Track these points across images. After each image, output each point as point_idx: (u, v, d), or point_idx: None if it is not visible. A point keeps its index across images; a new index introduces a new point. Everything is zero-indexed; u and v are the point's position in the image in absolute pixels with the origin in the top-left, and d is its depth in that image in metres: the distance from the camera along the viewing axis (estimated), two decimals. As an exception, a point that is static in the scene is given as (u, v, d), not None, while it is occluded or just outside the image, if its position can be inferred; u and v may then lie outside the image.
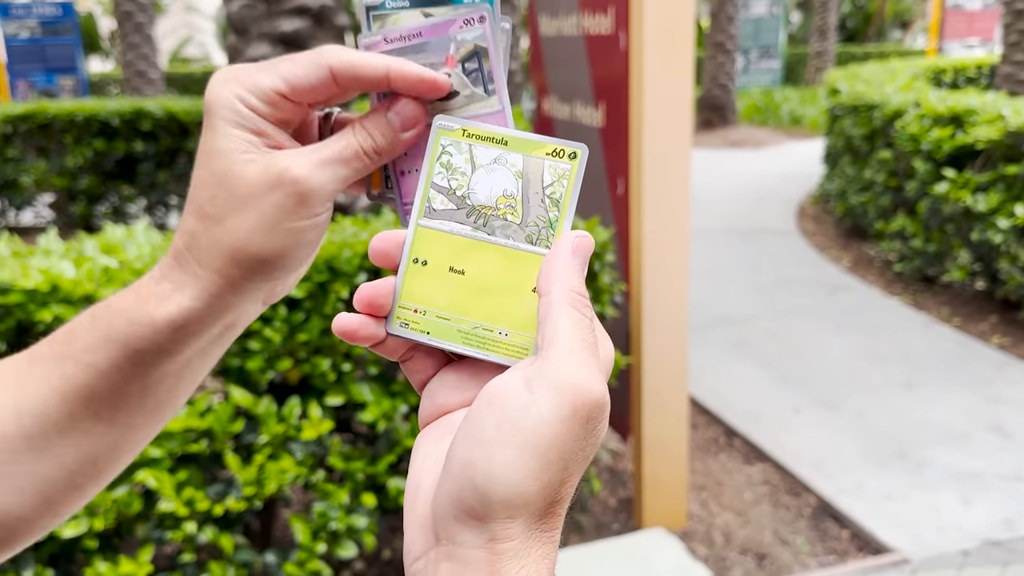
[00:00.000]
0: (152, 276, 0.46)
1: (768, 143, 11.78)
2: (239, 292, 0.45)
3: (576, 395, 0.37)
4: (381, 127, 0.46)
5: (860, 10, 22.26)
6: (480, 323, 0.45)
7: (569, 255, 0.42)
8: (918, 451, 3.28)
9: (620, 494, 3.04)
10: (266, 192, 0.43)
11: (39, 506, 0.46)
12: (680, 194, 2.52)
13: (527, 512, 0.37)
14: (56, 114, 6.82)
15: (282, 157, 0.44)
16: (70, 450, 0.46)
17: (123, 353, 0.45)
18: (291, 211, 0.44)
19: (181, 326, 0.45)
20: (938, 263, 5.11)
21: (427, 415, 0.46)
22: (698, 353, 4.17)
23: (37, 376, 0.45)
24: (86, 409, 0.45)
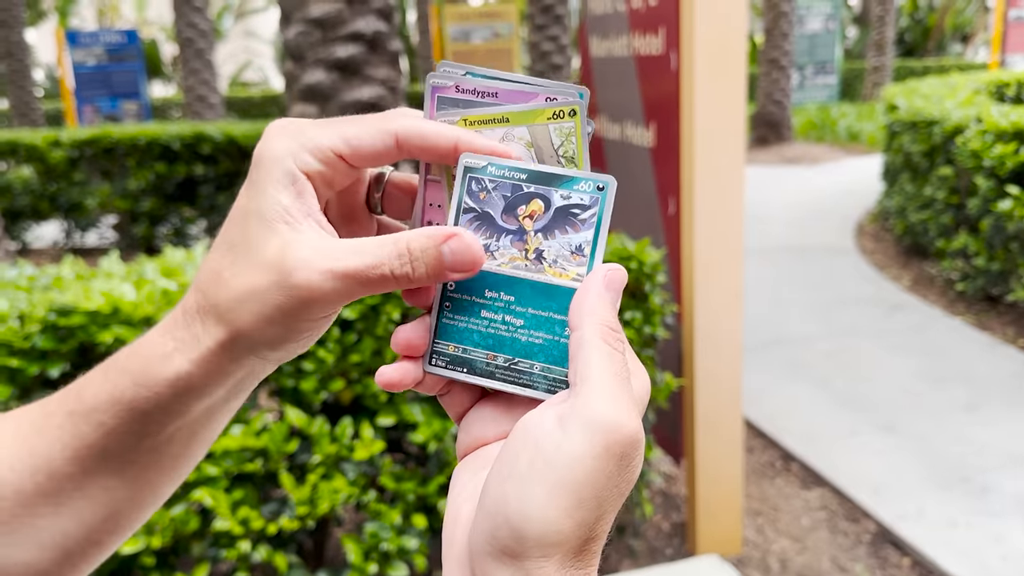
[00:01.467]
0: (159, 329, 0.45)
1: (825, 159, 11.61)
2: (238, 363, 0.44)
3: (608, 433, 0.37)
4: (429, 257, 0.42)
5: (919, 24, 21.87)
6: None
7: (601, 289, 0.42)
8: (981, 476, 3.18)
9: (673, 518, 3.00)
10: (271, 281, 0.41)
11: (60, 561, 0.46)
12: (733, 213, 2.49)
13: (562, 551, 0.36)
14: (119, 138, 7.03)
15: (300, 248, 0.41)
16: (88, 505, 0.45)
17: (130, 414, 0.44)
18: (290, 312, 0.41)
19: (183, 389, 0.43)
20: (1002, 282, 4.97)
21: (464, 447, 0.46)
22: (753, 374, 4.11)
23: (49, 434, 0.45)
24: (100, 467, 0.45)
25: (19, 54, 12.84)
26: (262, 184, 0.42)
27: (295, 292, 0.41)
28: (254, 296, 0.41)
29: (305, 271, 0.41)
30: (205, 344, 0.43)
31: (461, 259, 0.43)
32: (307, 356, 2.01)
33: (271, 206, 0.42)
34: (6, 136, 7.20)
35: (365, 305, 2.04)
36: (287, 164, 0.42)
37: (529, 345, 0.45)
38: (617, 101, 2.98)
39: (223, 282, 0.43)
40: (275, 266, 0.41)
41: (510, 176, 0.45)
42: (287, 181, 0.42)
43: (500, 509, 0.37)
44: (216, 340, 0.43)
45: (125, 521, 0.47)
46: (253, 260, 0.42)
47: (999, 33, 13.13)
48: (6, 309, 1.84)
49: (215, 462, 1.94)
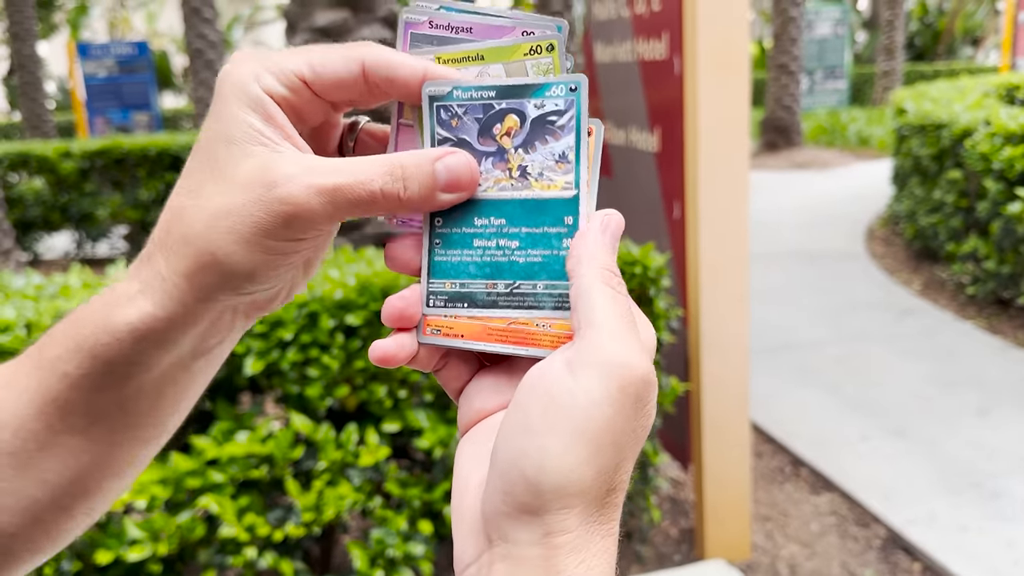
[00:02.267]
0: (128, 272, 0.41)
1: (835, 164, 11.57)
2: (206, 302, 0.40)
3: (622, 374, 0.35)
4: (422, 174, 0.40)
5: (928, 28, 21.80)
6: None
7: (598, 233, 0.40)
8: (993, 481, 3.16)
9: (681, 524, 2.99)
10: (250, 197, 0.38)
11: (30, 527, 0.43)
12: (738, 218, 2.49)
13: (583, 501, 0.35)
14: (130, 149, 7.08)
15: (283, 164, 0.38)
16: (53, 466, 0.42)
17: (91, 363, 0.40)
18: (269, 228, 0.38)
19: (144, 335, 0.40)
20: (1013, 285, 4.94)
21: (466, 421, 0.44)
22: (763, 379, 4.10)
23: (17, 386, 0.41)
24: (63, 422, 0.41)
25: (31, 66, 12.95)
26: (228, 109, 0.39)
27: (277, 207, 0.38)
28: (228, 215, 0.38)
29: (289, 185, 0.38)
30: (170, 281, 0.39)
31: (457, 176, 0.41)
32: (312, 363, 2.02)
33: (242, 129, 0.39)
34: (18, 147, 7.26)
35: (369, 311, 2.05)
36: (252, 88, 0.39)
37: (529, 265, 0.42)
38: (621, 106, 2.98)
39: (191, 208, 0.39)
40: (254, 182, 0.38)
41: (478, 96, 0.42)
42: (255, 104, 0.39)
43: (514, 465, 0.35)
44: (180, 272, 0.39)
45: (93, 486, 0.44)
46: (227, 181, 0.39)
47: (1009, 36, 13.08)
48: (13, 318, 1.86)
49: (221, 469, 1.94)
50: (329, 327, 2.01)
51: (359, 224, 3.47)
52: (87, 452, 0.43)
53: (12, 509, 0.42)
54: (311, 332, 2.01)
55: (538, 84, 0.42)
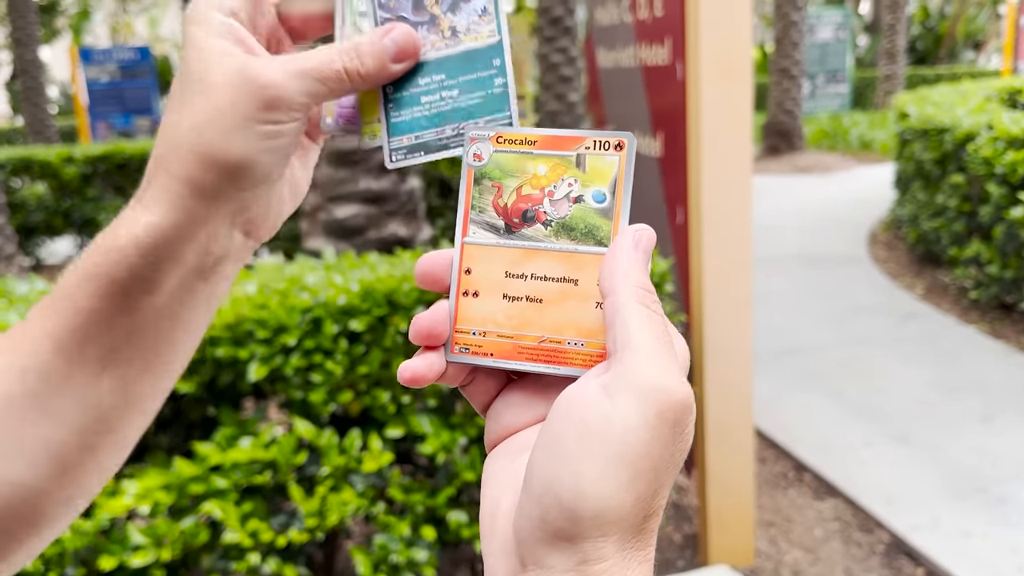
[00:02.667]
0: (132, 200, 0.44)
1: (837, 168, 11.57)
2: (207, 203, 0.43)
3: (660, 399, 0.35)
4: (375, 49, 0.45)
5: (930, 32, 21.81)
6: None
7: (631, 250, 0.39)
8: (997, 486, 3.15)
9: (685, 530, 2.98)
10: (234, 90, 0.42)
11: (57, 475, 0.44)
12: (741, 223, 2.49)
13: (620, 529, 0.34)
14: (132, 154, 7.09)
15: (256, 61, 0.43)
16: (75, 405, 0.44)
17: (104, 286, 0.43)
18: (255, 114, 0.42)
19: (151, 246, 0.42)
20: (1016, 290, 4.93)
21: (494, 437, 0.43)
22: (766, 384, 4.09)
23: (34, 329, 0.44)
24: (81, 355, 0.43)
25: (34, 72, 12.98)
26: (199, 38, 0.43)
27: (259, 92, 0.42)
28: (216, 111, 0.42)
29: (267, 72, 0.42)
30: (173, 189, 0.42)
31: (403, 46, 0.45)
32: (315, 368, 2.02)
33: (215, 50, 0.43)
34: (21, 152, 7.27)
35: (372, 317, 2.05)
36: (216, 16, 0.44)
37: (469, 107, 0.46)
38: (624, 111, 2.98)
39: (179, 121, 0.43)
40: (235, 79, 0.42)
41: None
42: (222, 30, 0.44)
43: (549, 490, 0.35)
44: (179, 177, 0.42)
45: (116, 422, 0.46)
46: (209, 87, 0.42)
47: (1011, 40, 13.09)
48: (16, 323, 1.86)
49: (224, 475, 1.94)
50: (333, 333, 2.01)
51: (361, 230, 3.47)
52: (106, 385, 0.44)
53: (39, 458, 0.43)
54: (315, 338, 2.01)
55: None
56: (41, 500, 0.44)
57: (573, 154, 0.42)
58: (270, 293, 2.05)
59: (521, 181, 0.43)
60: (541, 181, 0.43)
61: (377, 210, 3.51)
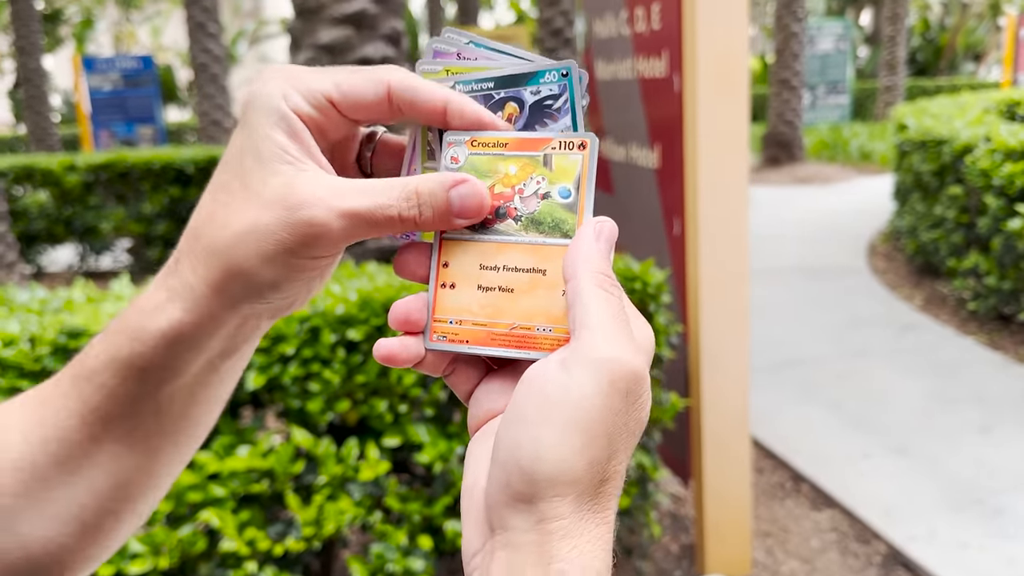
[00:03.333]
0: (155, 282, 0.44)
1: (837, 179, 11.59)
2: (231, 309, 0.43)
3: (612, 369, 0.37)
4: (437, 202, 0.42)
5: (930, 43, 21.87)
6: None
7: (592, 239, 0.42)
8: (994, 498, 3.15)
9: (682, 540, 2.98)
10: (276, 218, 0.40)
11: (79, 535, 0.46)
12: (738, 234, 2.50)
13: (576, 490, 0.36)
14: (134, 163, 7.11)
15: (307, 185, 0.41)
16: (99, 474, 0.45)
17: (128, 371, 0.43)
18: (292, 247, 0.41)
19: (175, 340, 0.42)
20: (1014, 301, 4.94)
21: (476, 421, 0.46)
22: (764, 395, 4.10)
23: (56, 402, 0.44)
24: (106, 431, 0.44)
25: (37, 80, 13.02)
26: (256, 124, 0.42)
27: (300, 228, 0.40)
28: (254, 233, 0.40)
29: (312, 208, 0.40)
30: (198, 289, 0.42)
31: (469, 204, 0.43)
32: (313, 377, 2.03)
33: (269, 146, 0.41)
34: (23, 161, 7.29)
35: (371, 326, 2.06)
36: (280, 105, 0.42)
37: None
38: (622, 123, 3.00)
39: (219, 221, 0.41)
40: (279, 202, 0.40)
41: (479, 88, 0.45)
42: (282, 123, 0.41)
43: (512, 455, 0.37)
44: (207, 282, 0.42)
45: (136, 490, 0.47)
46: (254, 198, 0.41)
47: (1010, 52, 13.13)
48: (17, 332, 1.87)
49: (222, 483, 1.95)
50: (330, 342, 2.02)
51: (362, 239, 3.48)
52: (128, 458, 0.45)
53: (65, 517, 0.45)
54: (313, 347, 2.02)
55: (532, 72, 0.45)
56: (65, 557, 0.46)
57: (541, 154, 0.45)
58: (269, 302, 2.06)
59: (494, 181, 0.45)
60: (512, 180, 0.45)
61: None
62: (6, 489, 0.44)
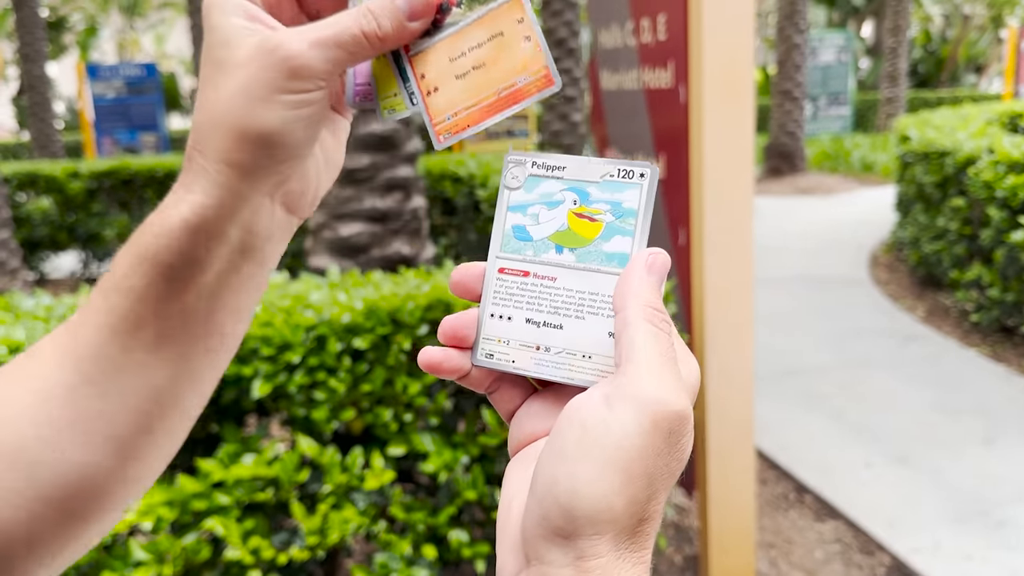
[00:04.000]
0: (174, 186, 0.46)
1: (839, 190, 11.60)
2: (246, 178, 0.44)
3: (655, 410, 0.37)
4: (388, 11, 0.45)
5: (932, 55, 21.92)
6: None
7: (643, 272, 0.42)
8: (998, 509, 3.15)
9: (686, 551, 2.98)
10: (258, 64, 0.43)
11: (118, 455, 0.46)
12: (743, 245, 2.50)
13: (614, 529, 0.36)
14: (137, 170, 7.12)
15: (276, 34, 0.44)
16: (131, 388, 0.46)
17: (155, 269, 0.44)
18: (281, 84, 0.43)
19: (197, 226, 0.44)
20: (1017, 313, 4.94)
21: (516, 443, 0.46)
22: (767, 405, 4.10)
23: (89, 318, 0.46)
24: (135, 339, 0.45)
25: (41, 87, 13.06)
26: (217, 20, 0.45)
27: (283, 64, 0.43)
28: (244, 87, 0.43)
29: (289, 44, 0.43)
30: (211, 169, 0.44)
31: (415, 5, 0.45)
32: (318, 386, 2.03)
33: (233, 30, 0.44)
34: (26, 167, 7.31)
35: (376, 335, 2.06)
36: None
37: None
38: (628, 133, 3.01)
39: (211, 101, 0.44)
40: (258, 54, 0.43)
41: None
42: (239, 11, 0.45)
43: (550, 490, 0.37)
44: (218, 157, 0.44)
45: (169, 405, 0.47)
46: (233, 66, 0.44)
47: (1012, 64, 13.16)
48: (22, 339, 1.87)
49: (226, 491, 1.95)
50: (336, 350, 2.03)
51: (366, 248, 3.49)
52: (160, 368, 0.46)
53: (100, 440, 0.45)
54: (318, 355, 2.03)
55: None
56: (106, 480, 0.46)
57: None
58: (275, 311, 2.07)
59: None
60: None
61: (381, 228, 3.53)
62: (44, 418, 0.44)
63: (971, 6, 21.99)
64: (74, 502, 0.45)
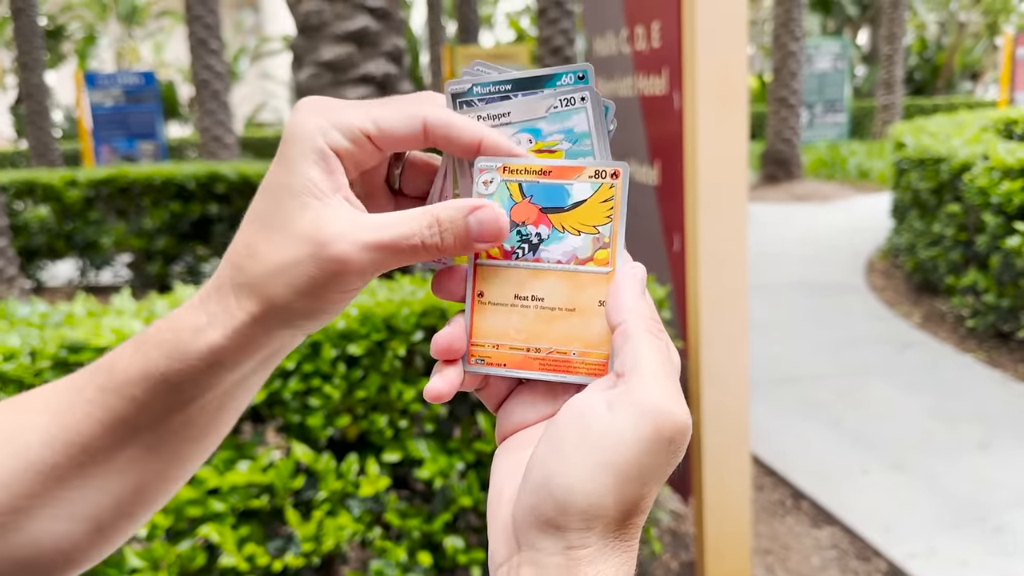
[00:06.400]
0: (191, 304, 0.45)
1: (835, 197, 11.63)
2: (269, 334, 0.45)
3: (658, 419, 0.38)
4: (457, 228, 0.44)
5: (928, 62, 21.99)
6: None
7: (636, 286, 0.44)
8: (994, 515, 3.15)
9: (682, 557, 2.98)
10: (304, 256, 0.42)
11: (91, 533, 0.47)
12: (737, 251, 2.51)
13: (603, 523, 0.38)
14: (135, 178, 7.12)
15: (333, 221, 0.42)
16: (119, 479, 0.46)
17: (162, 387, 0.44)
18: (323, 283, 0.43)
19: (215, 362, 0.44)
20: (1013, 318, 4.95)
21: (504, 431, 0.47)
22: (764, 412, 4.10)
23: (80, 409, 0.45)
24: (131, 440, 0.45)
25: (39, 95, 13.07)
26: (293, 160, 0.43)
27: (329, 265, 0.42)
28: (288, 269, 0.42)
29: (340, 243, 0.42)
30: (239, 317, 0.44)
31: (487, 229, 0.44)
32: (313, 392, 2.03)
33: (302, 181, 0.43)
34: (24, 176, 7.31)
35: (371, 341, 2.06)
36: (318, 142, 0.43)
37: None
38: (622, 140, 3.02)
39: (256, 256, 0.43)
40: (309, 239, 0.42)
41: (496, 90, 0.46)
42: (317, 158, 0.43)
43: (546, 484, 0.39)
44: (249, 313, 0.44)
45: (154, 493, 0.48)
46: (287, 233, 0.43)
47: (1007, 71, 13.20)
48: (18, 345, 1.87)
49: (221, 498, 1.95)
50: (331, 357, 2.03)
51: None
52: (151, 462, 0.47)
53: (79, 517, 0.46)
54: (313, 362, 2.03)
55: (549, 75, 0.46)
56: (75, 553, 0.47)
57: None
58: (270, 317, 2.07)
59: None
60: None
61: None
62: (24, 491, 0.45)
63: (966, 13, 22.08)
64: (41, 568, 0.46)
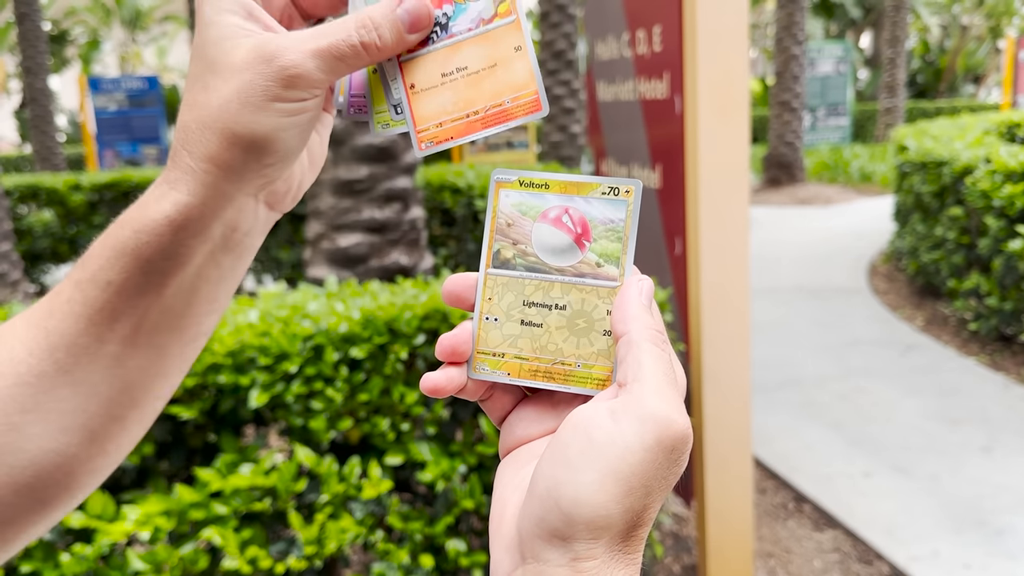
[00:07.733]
0: (154, 183, 0.45)
1: (837, 200, 11.62)
2: (233, 180, 0.44)
3: (661, 428, 0.39)
4: (388, 21, 0.45)
5: (930, 66, 21.99)
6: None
7: (642, 297, 0.44)
8: (997, 518, 3.15)
9: (684, 561, 2.98)
10: (255, 70, 0.43)
11: (86, 442, 0.47)
12: (739, 254, 2.51)
13: (609, 534, 0.38)
14: (139, 182, 7.14)
15: (274, 39, 0.44)
16: (104, 378, 0.46)
17: (134, 263, 0.44)
18: (278, 93, 0.43)
19: (180, 224, 0.44)
20: (1015, 322, 4.95)
21: (508, 445, 0.48)
22: (766, 415, 4.10)
23: (60, 310, 0.45)
24: (111, 331, 0.45)
25: (43, 100, 13.11)
26: (213, 15, 0.44)
27: (280, 73, 0.43)
28: (239, 92, 0.43)
29: (288, 53, 0.43)
30: (198, 167, 0.44)
31: (416, 15, 0.46)
32: (316, 396, 2.04)
33: (229, 28, 0.44)
34: (28, 180, 7.33)
35: (373, 345, 2.07)
36: None
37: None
38: (623, 143, 3.02)
39: (203, 102, 0.44)
40: (255, 61, 0.43)
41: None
42: (236, 7, 0.44)
43: (551, 494, 0.39)
44: (206, 157, 0.44)
45: (141, 394, 0.48)
46: (228, 69, 0.43)
47: (1010, 74, 13.20)
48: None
49: (224, 501, 1.96)
50: (334, 360, 2.03)
51: (364, 258, 3.50)
52: (134, 359, 0.47)
53: (71, 427, 0.46)
54: (316, 365, 2.03)
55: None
56: (73, 467, 0.47)
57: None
58: (272, 320, 2.08)
59: None
60: None
61: (380, 239, 3.54)
62: (15, 407, 0.44)
63: (969, 17, 22.07)
64: (43, 489, 0.46)
